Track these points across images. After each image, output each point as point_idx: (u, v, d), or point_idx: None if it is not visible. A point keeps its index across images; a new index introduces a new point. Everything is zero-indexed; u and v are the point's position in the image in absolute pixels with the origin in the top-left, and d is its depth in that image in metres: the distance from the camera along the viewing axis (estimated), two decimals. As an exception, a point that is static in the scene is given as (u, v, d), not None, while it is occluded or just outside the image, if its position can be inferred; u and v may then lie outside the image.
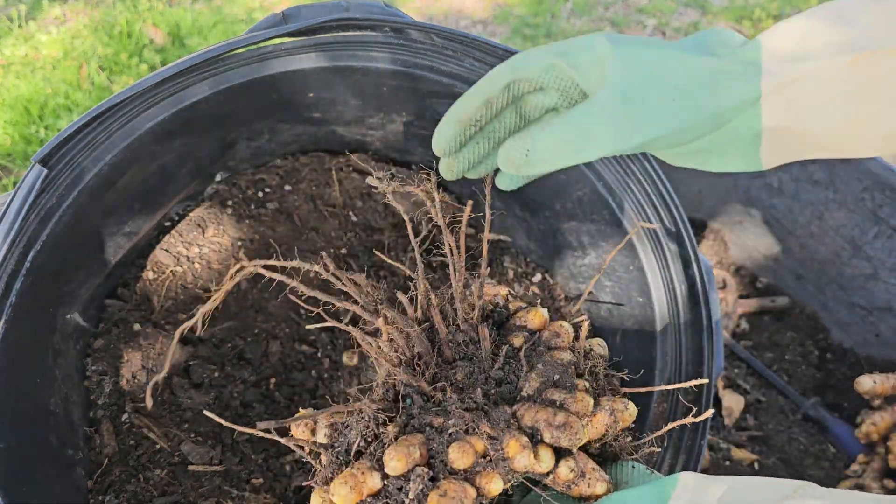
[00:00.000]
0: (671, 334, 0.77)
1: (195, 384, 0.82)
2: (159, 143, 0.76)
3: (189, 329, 0.65)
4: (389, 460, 0.47)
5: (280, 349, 0.88)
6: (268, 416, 0.83)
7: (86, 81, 2.11)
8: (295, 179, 0.96)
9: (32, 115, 1.97)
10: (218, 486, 0.75)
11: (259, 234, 0.92)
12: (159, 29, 2.29)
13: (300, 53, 0.79)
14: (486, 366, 0.55)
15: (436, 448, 0.49)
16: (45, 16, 2.44)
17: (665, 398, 0.75)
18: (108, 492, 0.73)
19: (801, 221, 1.34)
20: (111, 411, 0.78)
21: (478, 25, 2.67)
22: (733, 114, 0.50)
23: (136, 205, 0.81)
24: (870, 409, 1.11)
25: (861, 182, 1.22)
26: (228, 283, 0.53)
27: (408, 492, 0.47)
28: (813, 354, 1.33)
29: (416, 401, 0.53)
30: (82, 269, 0.77)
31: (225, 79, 0.76)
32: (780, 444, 1.18)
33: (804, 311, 1.38)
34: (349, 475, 0.47)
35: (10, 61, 2.18)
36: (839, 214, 1.27)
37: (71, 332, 0.76)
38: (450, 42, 0.79)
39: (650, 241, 0.79)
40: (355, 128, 0.94)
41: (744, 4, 2.75)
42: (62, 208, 0.69)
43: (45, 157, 0.67)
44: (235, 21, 2.51)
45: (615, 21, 2.70)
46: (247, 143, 0.90)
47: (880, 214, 1.21)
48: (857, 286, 1.27)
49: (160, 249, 0.87)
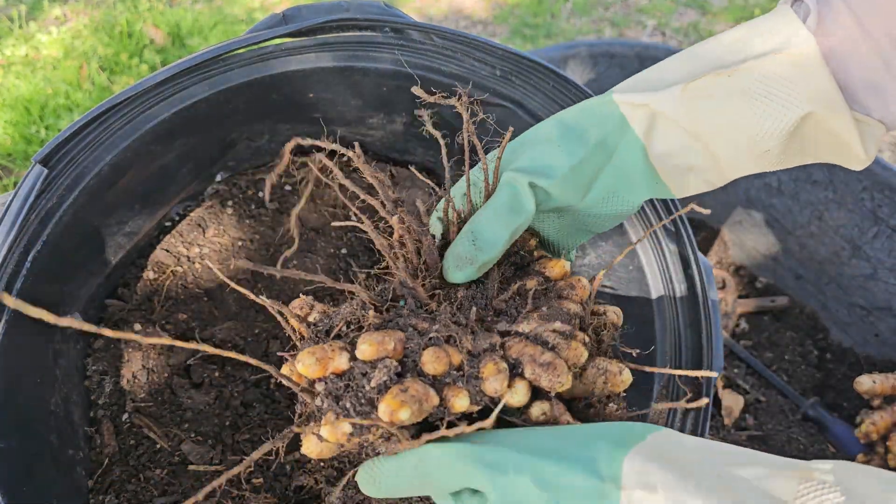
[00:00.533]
0: (670, 334, 0.77)
1: (195, 384, 0.82)
2: (159, 143, 0.76)
3: (189, 329, 0.65)
4: (361, 343, 0.46)
5: (280, 349, 0.88)
6: (268, 416, 0.83)
7: (86, 81, 2.11)
8: (295, 179, 0.97)
9: (33, 115, 1.97)
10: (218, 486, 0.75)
11: (259, 234, 0.92)
12: (160, 29, 2.29)
13: (300, 54, 0.79)
14: (490, 293, 0.55)
15: (412, 348, 0.48)
16: (46, 16, 2.44)
17: (665, 396, 0.75)
18: (108, 492, 0.73)
19: (800, 221, 1.34)
20: (111, 411, 0.78)
21: (478, 25, 2.67)
22: (616, 138, 0.57)
23: (136, 205, 0.81)
24: (869, 408, 1.11)
25: (861, 182, 1.22)
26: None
27: (371, 378, 0.46)
28: (812, 354, 1.33)
29: (410, 304, 0.52)
30: (82, 270, 0.78)
31: (225, 79, 0.76)
32: (779, 444, 1.18)
33: (804, 311, 1.38)
34: (319, 348, 0.47)
35: (10, 61, 2.18)
36: (839, 214, 1.27)
37: (71, 332, 0.76)
38: (450, 42, 0.79)
39: (650, 240, 0.79)
40: (356, 128, 0.94)
41: (744, 4, 2.75)
42: (62, 208, 0.69)
43: (45, 157, 0.67)
44: (235, 21, 2.51)
45: (615, 21, 2.70)
46: (247, 143, 0.91)
47: (880, 214, 1.21)
48: (857, 286, 1.27)
49: (160, 249, 0.88)
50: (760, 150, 0.53)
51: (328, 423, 0.46)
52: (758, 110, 0.51)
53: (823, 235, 1.31)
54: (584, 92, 0.78)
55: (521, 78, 0.79)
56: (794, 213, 1.34)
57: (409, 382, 0.46)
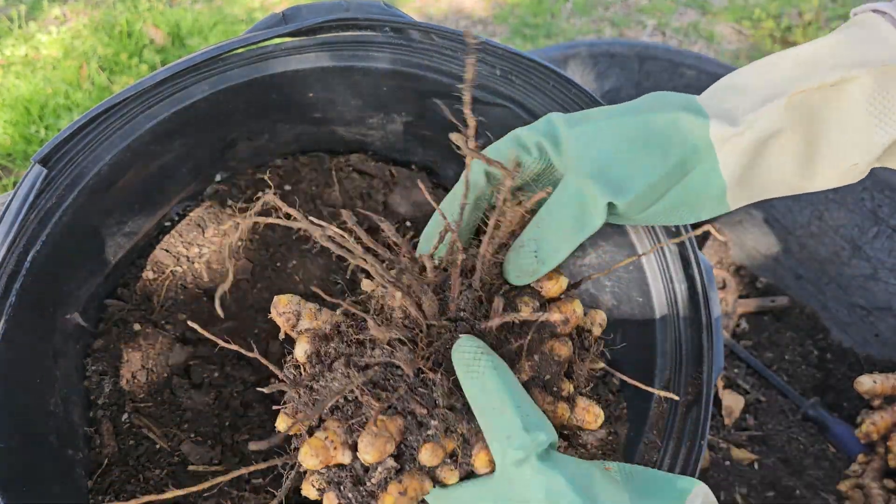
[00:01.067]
0: (671, 334, 0.77)
1: (195, 384, 0.82)
2: (159, 143, 0.76)
3: (189, 329, 0.65)
4: (364, 451, 0.48)
5: (280, 349, 0.88)
6: (268, 417, 0.83)
7: (86, 81, 2.11)
8: (295, 179, 0.96)
9: (32, 115, 1.97)
10: (218, 486, 0.75)
11: (259, 234, 0.92)
12: (159, 29, 2.29)
13: (300, 53, 0.79)
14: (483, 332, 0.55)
15: (410, 442, 0.51)
16: (46, 16, 2.44)
17: (665, 398, 0.75)
18: (108, 492, 0.73)
19: (800, 221, 1.34)
20: (111, 411, 0.78)
21: (478, 25, 2.67)
22: (695, 161, 0.52)
23: (136, 205, 0.81)
24: (870, 408, 1.11)
25: (861, 182, 1.22)
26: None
27: (372, 477, 0.50)
28: (813, 354, 1.33)
29: (408, 378, 0.52)
30: (82, 269, 0.77)
31: (225, 79, 0.76)
32: (779, 444, 1.18)
33: (804, 311, 1.38)
34: (321, 447, 0.49)
35: (10, 61, 2.18)
36: (839, 214, 1.27)
37: (71, 332, 0.76)
38: (450, 42, 0.79)
39: (650, 241, 0.79)
40: (355, 128, 0.94)
41: (744, 4, 2.75)
42: (62, 208, 0.69)
43: (45, 157, 0.67)
44: (235, 21, 2.51)
45: (615, 21, 2.70)
46: (247, 142, 0.90)
47: (880, 214, 1.21)
48: (857, 286, 1.27)
49: (160, 249, 0.88)
50: (850, 164, 0.51)
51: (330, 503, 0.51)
52: (871, 121, 0.49)
53: (824, 235, 1.31)
54: (585, 92, 0.78)
55: (522, 77, 0.79)
56: (795, 212, 1.34)
57: (407, 481, 0.49)
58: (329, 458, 0.49)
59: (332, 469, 0.51)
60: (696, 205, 0.55)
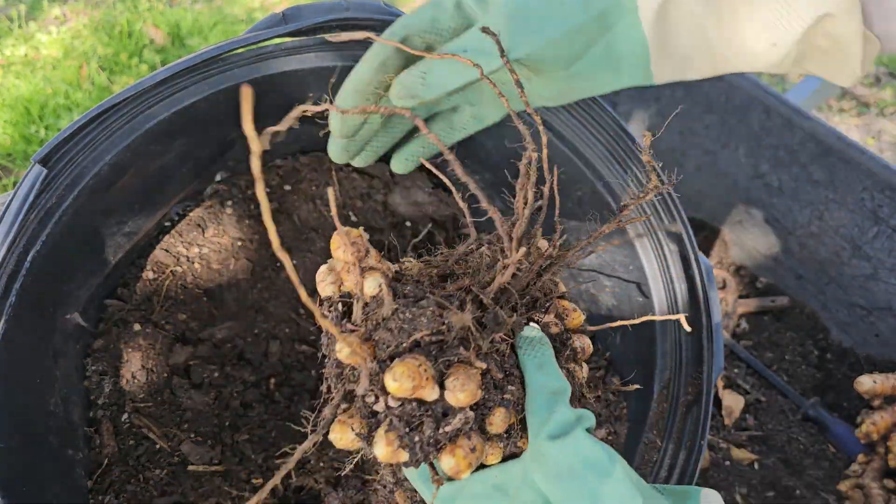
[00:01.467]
0: (671, 334, 0.77)
1: (195, 384, 0.82)
2: (159, 143, 0.76)
3: (189, 329, 0.65)
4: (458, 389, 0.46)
5: (280, 349, 0.88)
6: (268, 416, 0.83)
7: (86, 81, 2.11)
8: (295, 179, 0.96)
9: (32, 115, 1.97)
10: (218, 486, 0.75)
11: (259, 234, 0.92)
12: (159, 29, 2.29)
13: (300, 53, 0.79)
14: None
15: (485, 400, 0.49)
16: (46, 16, 2.44)
17: (665, 398, 0.75)
18: (108, 492, 0.73)
19: (801, 221, 1.34)
20: (111, 411, 0.78)
21: (478, 25, 2.67)
22: (616, 16, 0.53)
23: (136, 205, 0.81)
24: (870, 408, 1.11)
25: (861, 182, 1.22)
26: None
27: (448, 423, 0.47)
28: (813, 354, 1.33)
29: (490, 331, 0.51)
30: (82, 269, 0.77)
31: (225, 79, 0.76)
32: (779, 444, 1.18)
33: (804, 311, 1.38)
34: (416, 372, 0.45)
35: (10, 61, 2.18)
36: (839, 214, 1.27)
37: (71, 332, 0.76)
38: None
39: (650, 241, 0.79)
40: (355, 128, 0.94)
41: (744, 4, 2.74)
42: (62, 208, 0.69)
43: (45, 157, 0.67)
44: (235, 21, 2.51)
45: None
46: (247, 142, 0.90)
47: (880, 214, 1.21)
48: (857, 286, 1.27)
49: (160, 249, 0.87)
50: (768, 44, 0.52)
51: (389, 445, 0.46)
52: (784, 3, 0.50)
53: (824, 235, 1.31)
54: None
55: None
56: (795, 212, 1.34)
57: (477, 442, 0.47)
58: (420, 386, 0.45)
59: (406, 404, 0.46)
60: (619, 68, 0.56)
